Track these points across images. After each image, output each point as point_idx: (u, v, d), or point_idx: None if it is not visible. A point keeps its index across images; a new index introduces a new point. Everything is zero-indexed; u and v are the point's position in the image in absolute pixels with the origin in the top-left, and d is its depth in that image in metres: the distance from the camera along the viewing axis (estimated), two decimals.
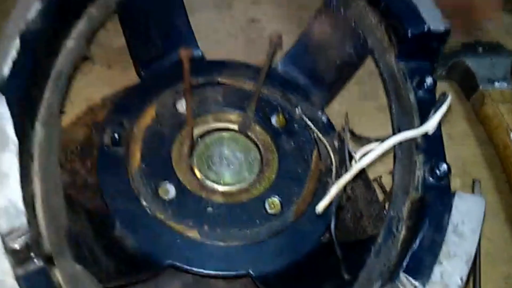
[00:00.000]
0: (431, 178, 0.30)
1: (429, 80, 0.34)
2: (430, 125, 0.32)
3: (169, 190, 0.36)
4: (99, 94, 0.45)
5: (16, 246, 0.22)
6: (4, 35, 0.29)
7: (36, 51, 0.29)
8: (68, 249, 0.26)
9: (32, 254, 0.23)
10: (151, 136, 0.38)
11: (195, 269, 0.33)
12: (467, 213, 0.27)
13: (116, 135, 0.37)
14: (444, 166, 0.30)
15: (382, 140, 0.33)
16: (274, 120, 0.41)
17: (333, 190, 0.31)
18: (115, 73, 0.49)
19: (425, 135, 0.32)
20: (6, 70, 0.27)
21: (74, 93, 0.44)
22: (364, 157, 0.32)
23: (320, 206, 0.33)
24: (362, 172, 0.40)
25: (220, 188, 0.38)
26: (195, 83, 0.40)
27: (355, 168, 0.31)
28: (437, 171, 0.30)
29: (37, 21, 0.30)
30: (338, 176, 0.35)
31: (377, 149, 0.31)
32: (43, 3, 0.30)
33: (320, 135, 0.39)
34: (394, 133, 0.33)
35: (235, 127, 0.41)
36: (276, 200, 0.36)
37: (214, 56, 0.49)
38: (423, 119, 0.32)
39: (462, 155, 0.51)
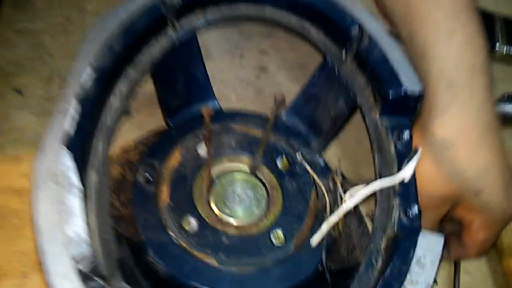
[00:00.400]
0: (404, 219, 0.37)
1: (406, 135, 0.41)
2: (405, 174, 0.39)
3: (191, 223, 0.43)
4: (131, 136, 0.53)
5: (84, 269, 0.30)
6: (62, 98, 0.36)
7: (89, 110, 0.37)
8: (118, 272, 0.33)
9: (94, 275, 0.30)
10: (176, 176, 0.45)
11: None
12: (427, 249, 0.34)
13: (148, 175, 0.44)
14: (415, 209, 0.37)
15: (367, 183, 0.41)
16: (279, 163, 0.48)
17: (324, 227, 0.38)
18: (143, 118, 0.56)
19: (402, 182, 0.39)
20: (68, 127, 0.35)
21: None
22: (351, 198, 0.39)
23: (314, 240, 0.40)
24: (356, 208, 0.47)
25: (233, 221, 0.44)
26: (212, 130, 0.47)
27: (342, 209, 0.38)
28: (410, 213, 0.37)
29: (88, 84, 0.37)
30: (332, 213, 0.42)
31: (362, 192, 0.39)
32: (93, 69, 0.38)
33: (316, 178, 0.46)
34: (376, 179, 0.40)
35: (246, 168, 0.48)
36: (280, 232, 0.43)
37: (226, 100, 0.56)
38: (400, 168, 0.39)
39: None
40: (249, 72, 0.63)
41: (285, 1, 0.44)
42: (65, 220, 0.30)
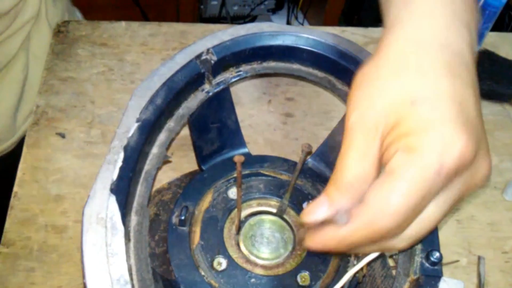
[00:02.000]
0: (426, 264, 0.39)
1: None
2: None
3: (221, 263, 0.45)
4: (165, 178, 0.57)
5: None
6: (111, 150, 0.40)
7: (133, 159, 0.41)
8: None
9: None
10: (207, 218, 0.48)
11: None
12: None
13: (182, 217, 0.47)
14: (437, 254, 0.39)
15: None
16: (305, 206, 0.51)
17: (345, 277, 0.40)
18: (177, 160, 0.61)
19: None
20: (115, 175, 0.38)
21: None
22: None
23: None
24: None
25: (261, 262, 0.47)
26: (242, 175, 0.50)
27: (365, 259, 0.39)
28: (431, 258, 0.39)
29: (135, 137, 0.41)
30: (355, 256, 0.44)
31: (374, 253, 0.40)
32: (140, 124, 0.42)
33: None
34: None
35: (274, 210, 0.51)
36: (306, 274, 0.45)
37: (255, 143, 0.59)
38: None
39: (468, 237, 0.60)
40: (276, 117, 0.66)
41: (311, 59, 0.48)
42: (110, 263, 0.34)
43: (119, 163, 0.38)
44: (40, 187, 0.58)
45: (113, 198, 0.36)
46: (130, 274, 0.35)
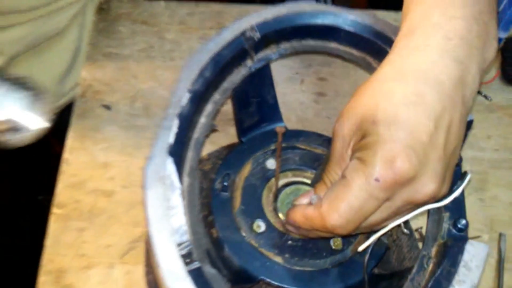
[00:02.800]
0: (453, 230, 0.42)
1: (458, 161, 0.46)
2: (456, 195, 0.44)
3: (261, 226, 0.49)
4: (204, 150, 0.60)
5: (185, 252, 0.36)
6: (167, 117, 0.44)
7: (185, 127, 0.44)
8: (207, 259, 0.40)
9: (191, 259, 0.37)
10: (247, 185, 0.52)
11: (278, 284, 0.46)
12: (474, 255, 0.39)
13: (224, 183, 0.51)
14: (463, 222, 0.42)
15: None
16: None
17: (372, 238, 0.43)
18: (215, 134, 0.64)
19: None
20: (171, 139, 0.42)
21: None
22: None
23: (361, 247, 0.45)
24: (407, 225, 0.52)
25: None
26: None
27: (392, 223, 0.42)
28: (458, 225, 0.42)
29: (187, 106, 0.45)
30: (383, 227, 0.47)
31: (415, 211, 0.43)
32: (191, 94, 0.45)
33: None
34: None
35: (308, 181, 0.54)
36: (339, 239, 0.49)
37: (288, 121, 0.62)
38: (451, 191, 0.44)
39: (491, 215, 0.63)
40: (308, 96, 0.69)
41: (348, 38, 0.51)
42: (170, 214, 0.38)
43: (174, 129, 0.42)
44: (88, 154, 0.62)
45: (170, 160, 0.40)
46: (186, 227, 0.39)
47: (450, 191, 0.44)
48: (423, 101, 0.37)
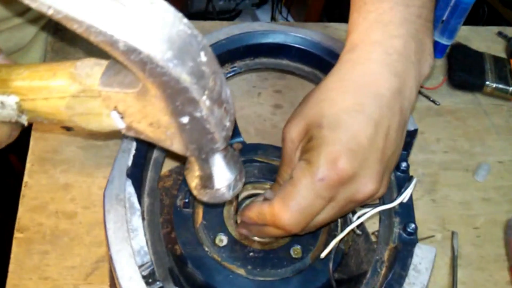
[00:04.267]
0: (404, 234, 0.45)
1: (404, 165, 0.49)
2: (404, 198, 0.46)
3: (223, 240, 0.51)
4: (166, 166, 0.61)
5: (146, 273, 0.37)
6: (125, 140, 0.45)
7: (143, 147, 0.45)
8: (169, 278, 0.41)
9: (153, 279, 0.38)
10: None
11: None
12: (423, 257, 0.41)
13: (186, 200, 0.52)
14: (413, 226, 0.45)
15: (374, 206, 0.48)
16: None
17: (332, 243, 0.46)
18: None
19: (401, 204, 0.47)
20: (130, 162, 0.43)
21: None
22: (358, 219, 0.47)
23: (323, 253, 0.47)
24: (364, 229, 0.55)
25: (257, 238, 0.52)
26: None
27: (348, 228, 0.46)
28: (408, 229, 0.45)
29: None
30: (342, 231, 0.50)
31: (367, 214, 0.46)
32: None
33: None
34: (379, 203, 0.48)
35: None
36: (298, 248, 0.51)
37: (246, 134, 0.64)
38: (399, 193, 0.47)
39: (443, 214, 0.66)
40: (265, 109, 0.71)
41: (299, 55, 0.53)
42: (131, 237, 0.38)
43: (133, 151, 0.43)
44: (48, 176, 0.62)
45: (129, 182, 0.41)
46: (147, 248, 0.40)
47: (398, 193, 0.46)
48: (363, 109, 0.40)
